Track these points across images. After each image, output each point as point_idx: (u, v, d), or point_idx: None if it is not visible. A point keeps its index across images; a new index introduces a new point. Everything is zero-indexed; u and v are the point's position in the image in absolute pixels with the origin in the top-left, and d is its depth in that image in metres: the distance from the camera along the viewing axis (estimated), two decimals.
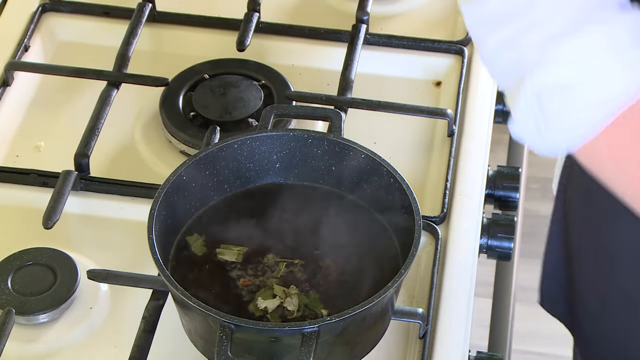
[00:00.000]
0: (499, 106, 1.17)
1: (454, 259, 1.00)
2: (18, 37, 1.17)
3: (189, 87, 1.13)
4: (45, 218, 0.99)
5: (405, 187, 0.91)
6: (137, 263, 0.98)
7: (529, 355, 1.89)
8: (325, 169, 0.95)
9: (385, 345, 0.93)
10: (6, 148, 1.10)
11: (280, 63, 1.17)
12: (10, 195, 1.05)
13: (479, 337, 1.14)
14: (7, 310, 0.92)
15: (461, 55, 1.17)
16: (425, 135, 1.12)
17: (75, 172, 1.03)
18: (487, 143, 1.10)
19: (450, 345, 0.94)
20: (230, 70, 1.14)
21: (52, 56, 1.20)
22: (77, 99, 1.15)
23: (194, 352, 0.89)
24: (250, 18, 1.17)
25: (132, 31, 1.15)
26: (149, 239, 0.87)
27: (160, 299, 0.93)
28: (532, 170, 1.29)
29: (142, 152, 1.10)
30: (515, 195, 1.10)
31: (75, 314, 0.96)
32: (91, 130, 1.06)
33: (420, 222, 0.88)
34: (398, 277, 0.85)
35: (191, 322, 0.88)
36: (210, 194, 0.95)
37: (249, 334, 0.82)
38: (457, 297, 0.97)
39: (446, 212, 1.03)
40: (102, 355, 0.94)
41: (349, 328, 0.84)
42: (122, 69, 1.12)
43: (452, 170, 1.06)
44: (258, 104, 1.10)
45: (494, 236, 1.05)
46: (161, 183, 0.91)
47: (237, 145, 0.95)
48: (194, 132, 1.08)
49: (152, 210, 0.89)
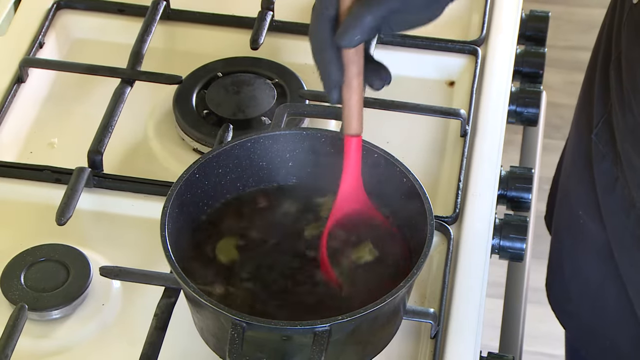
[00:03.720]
0: (512, 107, 1.17)
1: (466, 259, 1.00)
2: (33, 33, 1.18)
3: (203, 85, 1.13)
4: (59, 214, 0.99)
5: (418, 186, 0.91)
6: (150, 260, 0.98)
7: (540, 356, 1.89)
8: (339, 168, 0.95)
9: (396, 344, 0.93)
10: (20, 144, 1.11)
11: (294, 62, 1.17)
12: (24, 192, 1.05)
13: (490, 337, 1.14)
14: (20, 305, 0.92)
15: (475, 56, 1.17)
16: (438, 135, 1.12)
17: (88, 169, 1.04)
18: (500, 143, 1.10)
19: (462, 346, 0.94)
20: (244, 68, 1.14)
21: (66, 53, 1.20)
22: (90, 96, 1.15)
23: (206, 349, 0.90)
24: (264, 16, 1.17)
25: (146, 29, 1.16)
26: (161, 236, 0.87)
27: (172, 296, 0.93)
28: (545, 171, 1.29)
29: (155, 149, 1.10)
30: (528, 196, 1.10)
31: (88, 310, 0.96)
32: (105, 127, 1.07)
33: (432, 222, 0.88)
34: (410, 276, 0.85)
35: (203, 320, 0.88)
36: (223, 192, 0.95)
37: (260, 333, 0.82)
38: (468, 297, 0.97)
39: (458, 212, 1.03)
40: (113, 351, 0.94)
41: (361, 327, 0.84)
42: (135, 67, 1.13)
43: (464, 171, 1.06)
44: (271, 102, 1.11)
45: (506, 237, 1.05)
46: (174, 181, 0.92)
47: (250, 144, 0.95)
48: (207, 130, 1.08)
49: (165, 207, 0.89)
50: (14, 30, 1.19)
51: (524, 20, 1.25)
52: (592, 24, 2.43)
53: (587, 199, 1.07)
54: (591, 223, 1.07)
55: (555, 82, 2.33)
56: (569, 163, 1.14)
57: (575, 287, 1.14)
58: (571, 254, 1.14)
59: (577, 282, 1.13)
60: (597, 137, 1.04)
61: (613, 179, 1.04)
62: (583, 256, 1.11)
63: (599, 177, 1.05)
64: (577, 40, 2.43)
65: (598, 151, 1.05)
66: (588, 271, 1.11)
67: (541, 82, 1.23)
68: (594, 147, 1.05)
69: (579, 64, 2.27)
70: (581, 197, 1.09)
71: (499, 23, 1.22)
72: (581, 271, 1.12)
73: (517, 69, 1.21)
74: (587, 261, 1.10)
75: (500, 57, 1.18)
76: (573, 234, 1.12)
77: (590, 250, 1.09)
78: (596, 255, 1.08)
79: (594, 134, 1.05)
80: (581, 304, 1.14)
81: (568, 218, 1.14)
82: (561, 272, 1.16)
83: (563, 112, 2.24)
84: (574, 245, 1.12)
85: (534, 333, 1.80)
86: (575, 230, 1.11)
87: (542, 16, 1.26)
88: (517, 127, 1.23)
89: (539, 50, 1.23)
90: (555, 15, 1.33)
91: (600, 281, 1.09)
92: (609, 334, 1.12)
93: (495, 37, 1.20)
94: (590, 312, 1.13)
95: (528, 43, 1.26)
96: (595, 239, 1.08)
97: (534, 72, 1.22)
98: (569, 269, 1.15)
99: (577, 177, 1.10)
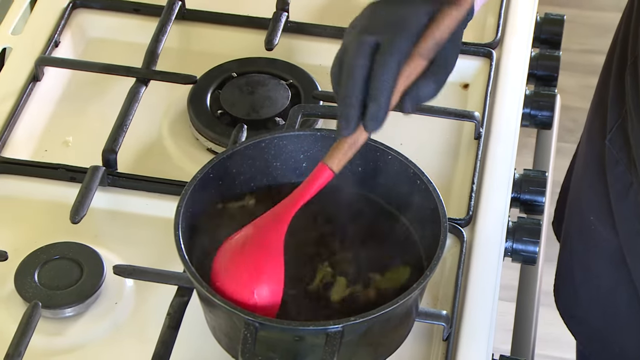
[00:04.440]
0: (527, 110, 1.17)
1: (479, 261, 1.00)
2: (49, 32, 1.18)
3: (217, 85, 1.13)
4: (73, 213, 0.99)
5: (431, 189, 0.91)
6: (163, 259, 0.99)
7: None
8: (352, 170, 0.95)
9: (408, 346, 0.93)
10: (35, 142, 1.11)
11: (308, 63, 1.17)
12: (39, 190, 1.06)
13: (502, 340, 1.14)
14: (33, 303, 0.93)
15: (489, 58, 1.17)
16: (452, 137, 1.12)
17: (102, 168, 1.04)
18: (514, 146, 1.10)
19: (474, 348, 0.94)
20: (258, 69, 1.14)
21: (81, 52, 1.21)
22: (105, 95, 1.16)
23: (218, 349, 0.90)
24: (279, 17, 1.17)
25: (161, 28, 1.16)
26: (175, 236, 0.87)
27: (185, 295, 0.94)
28: (558, 175, 1.28)
29: (169, 149, 1.10)
30: (541, 199, 1.09)
31: (101, 308, 0.97)
32: (119, 127, 1.07)
33: (446, 224, 0.88)
34: (423, 279, 0.85)
35: (216, 320, 0.88)
36: (236, 192, 0.95)
37: (273, 333, 0.83)
38: (481, 300, 0.97)
39: (472, 214, 1.03)
40: (126, 350, 0.94)
41: (373, 328, 0.84)
42: (151, 66, 1.13)
43: (478, 173, 1.06)
44: (285, 103, 1.11)
45: (519, 240, 1.05)
46: (188, 180, 0.92)
47: (264, 144, 0.95)
48: (221, 130, 1.08)
49: (179, 206, 0.89)
50: (29, 29, 1.19)
51: (539, 23, 1.25)
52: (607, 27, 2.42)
53: (599, 205, 1.07)
54: (603, 229, 1.07)
55: (569, 86, 2.33)
56: (581, 168, 1.14)
57: (585, 292, 1.14)
58: (582, 259, 1.13)
59: (588, 287, 1.13)
60: (611, 143, 1.04)
61: (627, 184, 1.03)
62: (594, 262, 1.11)
63: (612, 183, 1.05)
64: (591, 43, 2.43)
65: (611, 156, 1.05)
66: (599, 277, 1.10)
67: (556, 85, 1.22)
68: (608, 153, 1.05)
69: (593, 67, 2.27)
70: (593, 203, 1.08)
71: (514, 26, 1.22)
72: (592, 277, 1.12)
73: (531, 71, 1.21)
74: (599, 267, 1.10)
75: (515, 60, 1.18)
76: (584, 239, 1.12)
77: (601, 256, 1.09)
78: (608, 261, 1.08)
79: (607, 139, 1.05)
80: (591, 309, 1.14)
81: (579, 223, 1.13)
82: (571, 277, 1.16)
83: (576, 115, 2.24)
84: (585, 250, 1.12)
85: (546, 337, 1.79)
86: (587, 235, 1.11)
87: (557, 19, 1.26)
88: (531, 130, 1.23)
89: (553, 53, 1.23)
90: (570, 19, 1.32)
91: (612, 287, 1.09)
92: (618, 340, 1.11)
93: (510, 39, 1.20)
94: (600, 318, 1.12)
95: (543, 46, 1.25)
96: (607, 245, 1.07)
97: (548, 75, 1.22)
98: (579, 274, 1.14)
99: (590, 182, 1.10)
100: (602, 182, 1.06)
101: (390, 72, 0.81)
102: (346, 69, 0.82)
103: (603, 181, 1.06)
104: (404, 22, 0.82)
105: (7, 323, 0.95)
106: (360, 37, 0.82)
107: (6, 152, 1.08)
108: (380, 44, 0.82)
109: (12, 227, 1.03)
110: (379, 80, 0.81)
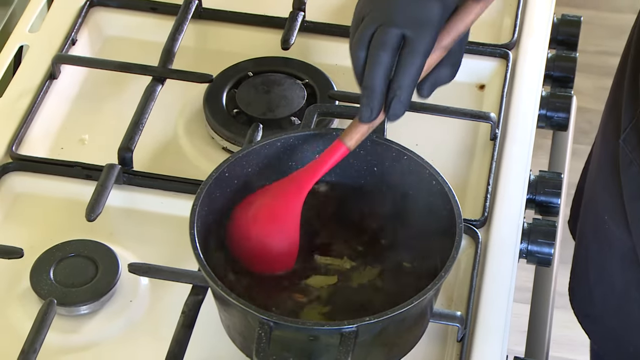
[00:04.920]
0: (542, 111, 1.17)
1: (494, 263, 1.00)
2: (66, 30, 1.19)
3: (233, 84, 1.13)
4: (88, 211, 1.00)
5: (447, 189, 0.91)
6: (178, 258, 0.99)
7: None
8: (367, 169, 0.95)
9: (423, 347, 0.93)
10: (51, 140, 1.11)
11: (324, 62, 1.17)
12: (54, 187, 1.06)
13: (516, 342, 1.13)
14: (49, 300, 0.93)
15: (506, 59, 1.17)
16: (467, 138, 1.12)
17: (118, 166, 1.04)
18: (529, 148, 1.10)
19: (488, 350, 0.94)
20: (274, 68, 1.15)
21: (98, 50, 1.21)
22: (122, 94, 1.16)
23: (233, 348, 0.90)
24: (295, 17, 1.17)
25: (177, 27, 1.16)
26: (190, 234, 0.87)
27: (200, 294, 0.94)
28: (574, 177, 1.28)
29: (184, 147, 1.11)
30: (557, 201, 1.09)
31: (116, 306, 0.97)
32: (135, 125, 1.07)
33: (461, 225, 0.88)
34: (438, 279, 0.85)
35: (230, 319, 0.88)
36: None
37: (287, 332, 0.83)
38: (496, 301, 0.97)
39: (487, 215, 1.03)
40: (141, 348, 0.95)
41: (388, 329, 0.84)
42: (167, 65, 1.13)
43: (493, 174, 1.06)
44: (301, 102, 1.11)
45: (534, 241, 1.04)
46: (203, 179, 0.92)
47: (280, 143, 0.95)
48: (237, 129, 1.09)
49: (195, 205, 0.89)
50: (47, 27, 1.20)
51: (556, 24, 1.25)
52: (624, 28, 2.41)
53: (613, 205, 1.07)
54: (616, 229, 1.07)
55: (585, 87, 2.32)
56: (595, 168, 1.14)
57: (599, 292, 1.14)
58: (596, 259, 1.13)
59: (602, 287, 1.13)
60: (625, 143, 1.04)
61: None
62: (608, 261, 1.11)
63: (625, 183, 1.05)
64: (607, 45, 2.42)
65: (625, 156, 1.04)
66: (613, 277, 1.10)
67: (572, 86, 1.22)
68: (621, 153, 1.05)
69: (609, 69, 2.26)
70: (607, 203, 1.08)
71: (531, 27, 1.21)
72: (606, 276, 1.12)
73: (548, 73, 1.20)
74: (612, 267, 1.10)
75: (531, 61, 1.18)
76: (598, 239, 1.12)
77: (615, 256, 1.09)
78: (621, 261, 1.08)
79: (621, 139, 1.05)
80: (605, 309, 1.14)
81: (593, 223, 1.13)
82: (586, 277, 1.15)
83: (592, 117, 2.23)
84: (599, 250, 1.12)
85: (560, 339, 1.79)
86: (601, 235, 1.11)
87: (574, 20, 1.26)
88: (546, 131, 1.22)
89: (570, 54, 1.23)
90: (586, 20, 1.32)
91: (625, 287, 1.08)
92: (632, 340, 1.11)
93: (526, 40, 1.20)
94: (614, 318, 1.12)
95: (559, 47, 1.25)
96: (620, 245, 1.07)
97: (564, 76, 1.22)
98: (593, 274, 1.14)
99: (603, 182, 1.09)
100: (615, 183, 1.06)
101: (416, 71, 0.85)
102: (372, 59, 0.85)
103: (617, 182, 1.06)
104: (431, 16, 0.85)
105: (22, 320, 0.95)
106: (388, 29, 0.84)
107: (22, 150, 1.09)
108: (406, 37, 0.84)
109: (27, 224, 1.04)
110: (405, 76, 0.85)
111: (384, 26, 0.85)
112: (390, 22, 0.84)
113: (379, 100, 0.86)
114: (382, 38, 0.84)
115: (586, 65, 2.28)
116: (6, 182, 1.06)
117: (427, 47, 0.84)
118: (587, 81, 2.33)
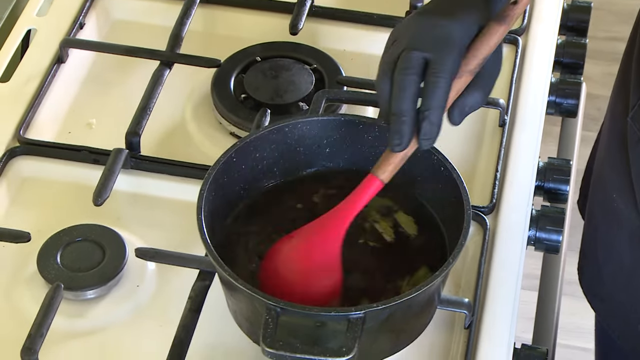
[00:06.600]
0: (552, 97, 1.16)
1: (502, 250, 0.99)
2: (73, 14, 1.18)
3: (241, 69, 1.13)
4: (96, 195, 0.99)
5: (455, 176, 0.90)
6: (185, 243, 0.99)
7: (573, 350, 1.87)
8: (376, 155, 0.95)
9: (430, 334, 0.93)
10: (59, 124, 1.11)
11: (333, 48, 1.16)
12: (62, 172, 1.06)
13: (524, 329, 1.13)
14: (56, 285, 0.93)
15: (515, 45, 1.16)
16: (476, 124, 1.11)
17: (126, 150, 1.04)
18: (538, 134, 1.09)
19: (496, 337, 0.93)
20: (283, 53, 1.14)
21: (106, 34, 1.21)
22: (129, 78, 1.15)
23: (239, 333, 0.90)
24: (304, 2, 1.17)
25: (186, 11, 1.16)
26: (197, 219, 0.87)
27: (206, 279, 0.94)
28: (582, 164, 1.27)
29: (192, 132, 1.10)
30: (566, 187, 1.09)
31: (122, 291, 0.97)
32: (143, 109, 1.07)
33: (470, 211, 0.88)
34: (446, 266, 0.85)
35: (237, 304, 0.88)
36: (259, 177, 0.95)
37: (294, 318, 0.82)
38: (503, 288, 0.96)
39: (495, 202, 1.02)
40: (147, 333, 0.95)
41: (395, 315, 0.84)
42: (175, 49, 1.13)
43: (502, 161, 1.06)
44: (309, 88, 1.10)
45: (542, 228, 1.04)
46: (211, 164, 0.92)
47: (287, 129, 0.95)
48: (245, 114, 1.08)
49: (202, 190, 0.89)
50: (54, 10, 1.19)
51: (566, 11, 1.24)
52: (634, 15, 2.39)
53: (621, 183, 1.07)
54: (625, 207, 1.07)
55: (594, 74, 2.31)
56: (604, 147, 1.14)
57: (608, 270, 1.14)
58: (605, 237, 1.13)
59: (611, 265, 1.13)
60: (633, 120, 1.04)
61: None
62: (617, 240, 1.11)
63: (633, 161, 1.04)
64: (617, 31, 2.41)
65: (633, 134, 1.04)
66: (622, 255, 1.10)
67: (582, 73, 1.21)
68: (629, 131, 1.05)
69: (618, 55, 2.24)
70: (615, 181, 1.08)
71: (540, 13, 1.21)
72: (614, 255, 1.12)
73: (557, 59, 1.20)
74: (621, 245, 1.10)
75: (541, 47, 1.17)
76: (607, 217, 1.12)
77: (624, 234, 1.09)
78: (630, 239, 1.08)
79: (629, 117, 1.04)
80: (614, 287, 1.14)
81: (602, 202, 1.13)
82: (594, 255, 1.15)
83: (601, 104, 2.21)
84: (608, 229, 1.12)
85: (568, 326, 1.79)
86: (610, 213, 1.11)
87: (584, 6, 1.25)
88: (555, 118, 1.22)
89: (580, 40, 1.22)
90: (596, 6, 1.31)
91: (634, 264, 1.08)
92: None
93: (536, 27, 1.19)
94: (622, 296, 1.12)
95: (569, 33, 1.24)
96: (629, 223, 1.07)
97: (574, 62, 1.21)
98: (602, 252, 1.14)
99: (612, 161, 1.09)
100: (624, 161, 1.06)
101: (443, 92, 0.84)
102: (398, 85, 0.84)
103: (625, 160, 1.05)
104: (453, 39, 0.84)
105: (29, 304, 0.95)
106: (410, 53, 0.84)
107: (30, 134, 1.08)
108: (429, 60, 0.84)
109: (35, 208, 1.04)
110: (433, 100, 0.84)
111: (406, 51, 0.84)
112: (412, 47, 0.84)
113: (408, 125, 0.84)
114: (405, 63, 0.84)
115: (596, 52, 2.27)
116: (14, 166, 1.06)
117: (451, 67, 0.83)
118: (596, 68, 2.32)
